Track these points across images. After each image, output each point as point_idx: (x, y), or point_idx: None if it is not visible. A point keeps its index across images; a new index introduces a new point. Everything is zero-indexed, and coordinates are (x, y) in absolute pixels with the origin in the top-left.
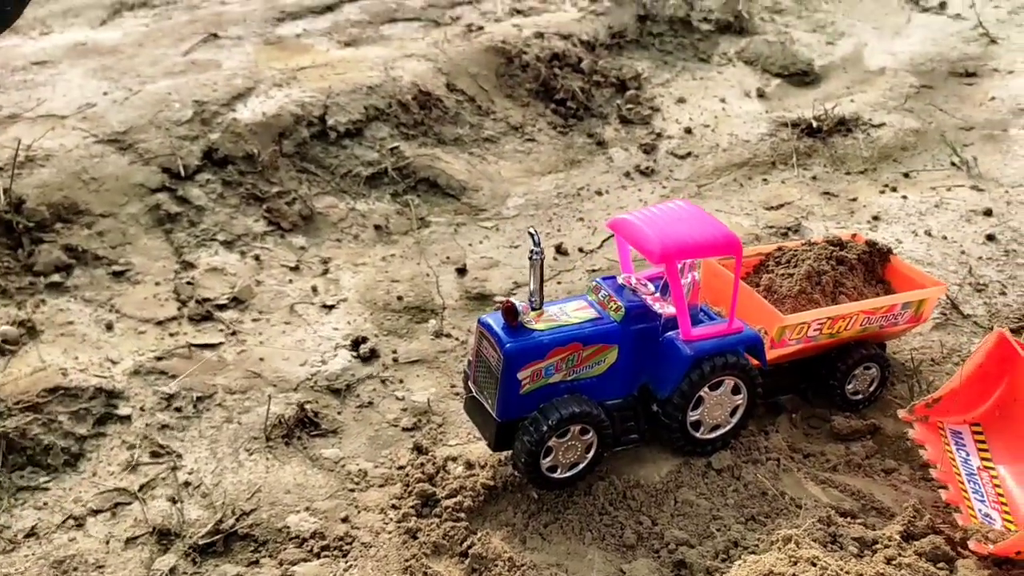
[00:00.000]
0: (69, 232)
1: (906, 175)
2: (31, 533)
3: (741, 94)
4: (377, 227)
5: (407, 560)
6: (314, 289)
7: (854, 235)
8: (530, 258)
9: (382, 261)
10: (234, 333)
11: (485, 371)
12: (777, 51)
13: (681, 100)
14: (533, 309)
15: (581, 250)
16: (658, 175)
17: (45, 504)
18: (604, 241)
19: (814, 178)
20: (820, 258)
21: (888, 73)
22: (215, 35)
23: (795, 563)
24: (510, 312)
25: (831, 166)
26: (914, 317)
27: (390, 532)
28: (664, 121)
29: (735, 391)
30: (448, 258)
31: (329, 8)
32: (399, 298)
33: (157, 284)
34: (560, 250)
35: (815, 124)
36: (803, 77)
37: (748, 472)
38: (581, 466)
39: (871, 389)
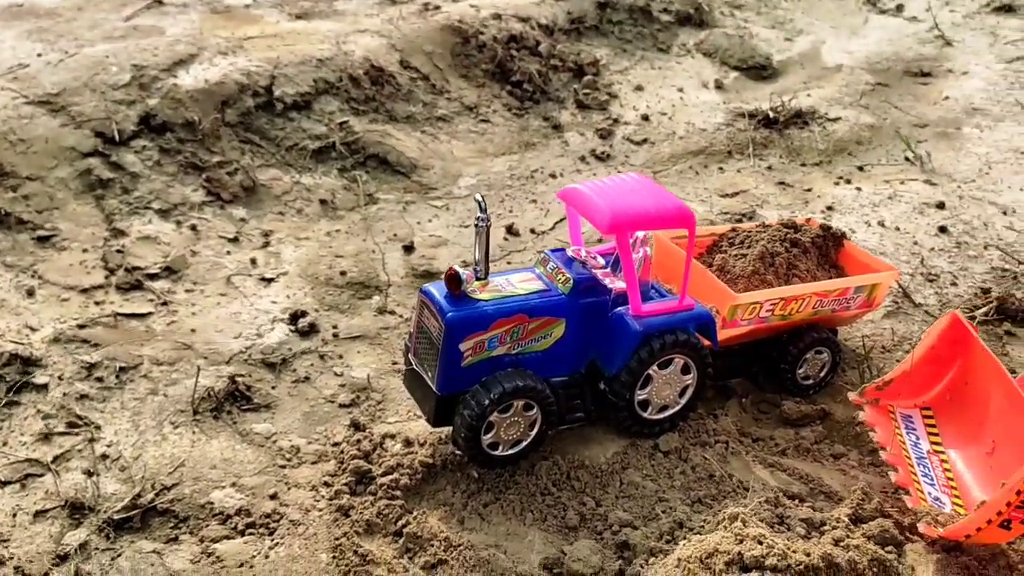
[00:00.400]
0: None
1: (860, 168)
2: None
3: (699, 85)
4: (323, 202)
5: (338, 539)
6: (253, 262)
7: (808, 219)
8: (476, 225)
9: (326, 236)
10: (165, 303)
11: (426, 342)
12: (736, 44)
13: (639, 88)
14: (478, 279)
15: (533, 231)
16: (614, 160)
17: None
18: (557, 223)
19: (769, 168)
20: (774, 240)
21: (845, 70)
22: (159, 2)
23: (741, 541)
24: (453, 280)
25: (787, 157)
26: (866, 302)
27: (321, 510)
28: (621, 107)
29: (685, 371)
30: (395, 235)
31: None
32: (342, 273)
33: (84, 251)
34: (511, 231)
35: (772, 115)
36: (761, 71)
37: (695, 454)
38: (524, 444)
39: (822, 374)
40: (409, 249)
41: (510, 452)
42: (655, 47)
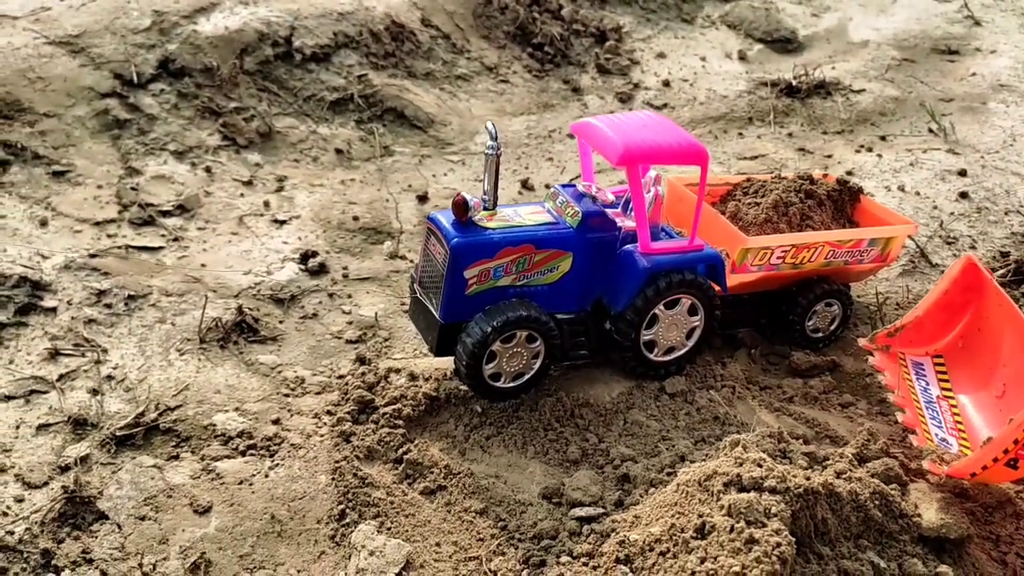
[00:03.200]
0: (9, 128)
1: (883, 138)
2: None
3: (722, 55)
4: (338, 151)
5: (338, 462)
6: (266, 204)
7: (825, 174)
8: (486, 154)
9: (340, 184)
10: (177, 239)
11: (431, 270)
12: (761, 17)
13: (661, 55)
14: (486, 208)
15: (547, 186)
16: None
17: None
18: (573, 179)
19: (790, 135)
20: (788, 190)
21: (871, 46)
22: None
23: (741, 464)
24: (460, 207)
25: (808, 125)
26: (880, 256)
27: (323, 435)
28: (643, 73)
29: (692, 312)
30: (410, 186)
31: None
32: (355, 218)
33: (99, 187)
34: (526, 185)
35: (795, 84)
36: (786, 44)
37: (701, 397)
38: (526, 377)
39: (832, 327)
40: (423, 199)
41: (512, 385)
42: (679, 17)
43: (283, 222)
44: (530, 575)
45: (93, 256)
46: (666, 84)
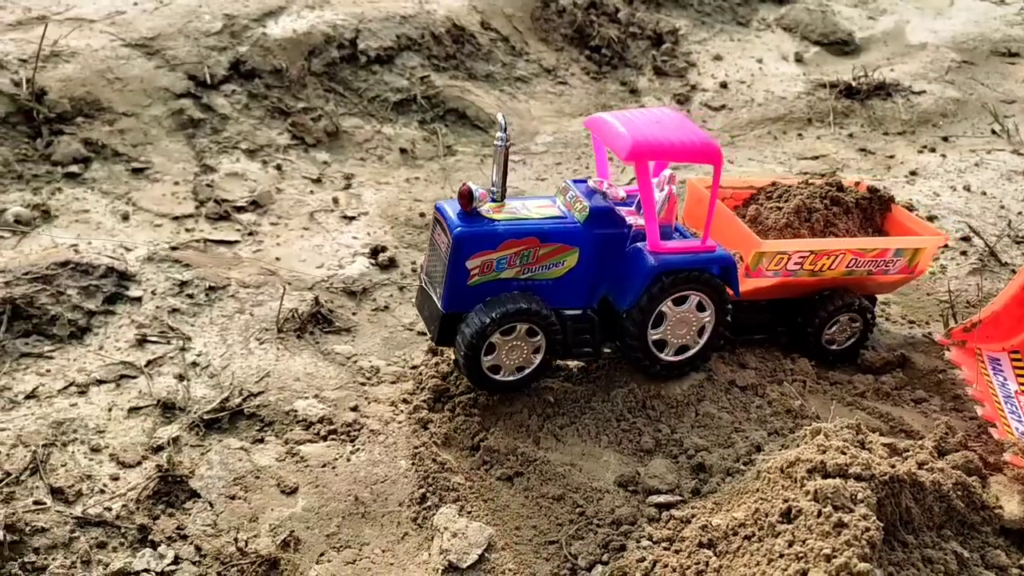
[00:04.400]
0: (90, 127)
1: (945, 139)
2: (31, 395)
3: (778, 57)
4: (403, 151)
5: (416, 447)
6: (335, 201)
7: (858, 183)
8: (495, 145)
9: (406, 182)
10: (251, 233)
11: (436, 259)
12: (817, 20)
13: (717, 58)
14: (494, 200)
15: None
16: None
17: (48, 371)
18: (631, 180)
19: (850, 136)
20: (814, 196)
21: (930, 48)
22: None
23: (824, 451)
24: (465, 196)
25: (868, 126)
26: (907, 268)
27: (400, 422)
28: (699, 75)
29: (700, 308)
30: None
31: None
32: (421, 215)
33: (176, 184)
34: None
35: (854, 86)
36: (843, 46)
37: (772, 390)
38: (528, 371)
39: (849, 342)
40: None
41: (512, 379)
42: (734, 20)
43: (352, 218)
44: (611, 559)
45: (174, 249)
46: (723, 86)
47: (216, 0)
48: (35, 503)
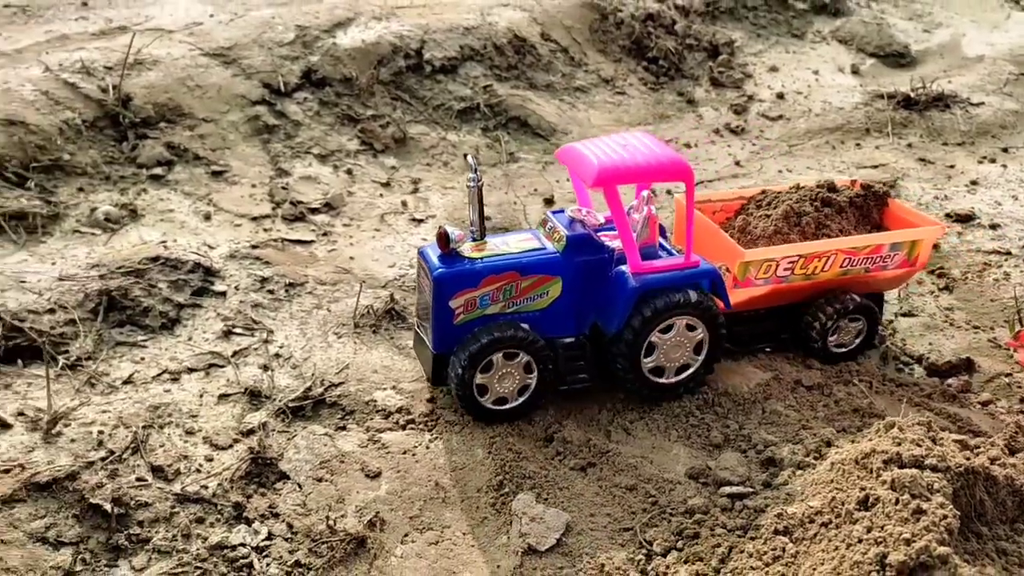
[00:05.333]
0: (172, 131)
1: (1005, 150)
2: (128, 381)
3: (834, 69)
4: (467, 156)
5: (492, 437)
6: (404, 204)
7: (854, 181)
8: (468, 186)
9: None
10: (325, 234)
11: (423, 302)
12: (873, 32)
13: (773, 69)
14: (474, 239)
15: (668, 192)
16: (748, 134)
17: (142, 359)
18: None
19: (909, 146)
20: (803, 199)
21: (987, 61)
22: None
23: (899, 444)
24: (442, 239)
25: (927, 137)
26: (907, 261)
27: None
28: (756, 86)
29: (691, 328)
30: (536, 190)
31: None
32: (487, 218)
33: (253, 186)
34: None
35: (912, 97)
36: (899, 59)
37: (839, 390)
38: (530, 389)
39: (857, 341)
40: (549, 202)
41: (518, 403)
42: (790, 33)
43: (420, 221)
44: (685, 545)
45: (254, 247)
46: (780, 96)
47: (288, 11)
48: (137, 479)
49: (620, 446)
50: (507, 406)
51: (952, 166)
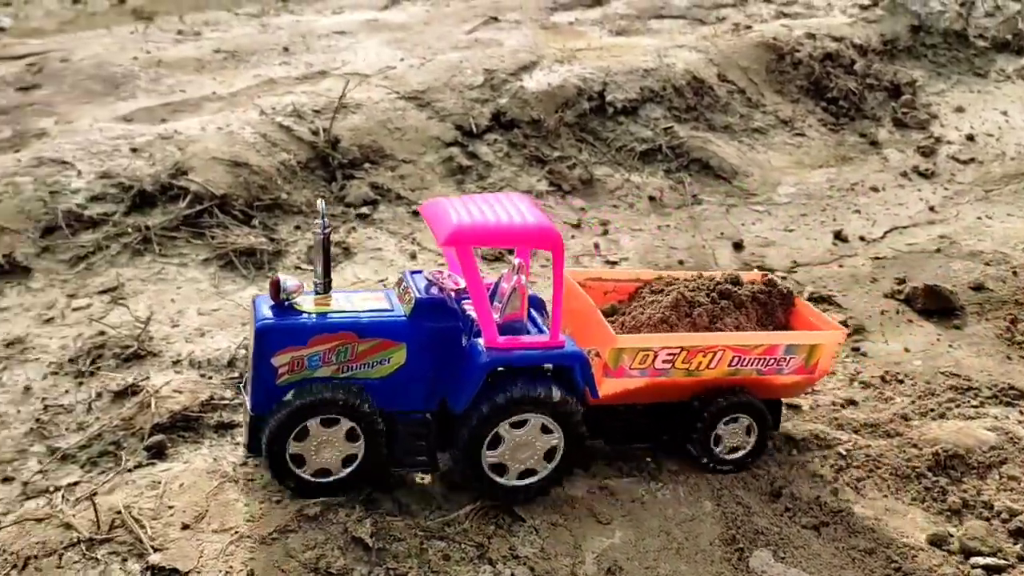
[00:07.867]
0: (376, 172)
1: None
2: None
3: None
4: (651, 199)
5: (718, 489)
6: (596, 246)
7: (764, 274)
8: (314, 234)
9: (657, 229)
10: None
11: (248, 356)
12: None
13: (959, 109)
14: (318, 293)
15: (862, 238)
16: (939, 177)
17: None
18: (886, 233)
19: None
20: (698, 289)
21: None
22: (495, 18)
23: None
24: (274, 287)
25: None
26: (804, 367)
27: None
28: (942, 127)
29: (546, 430)
30: (722, 234)
31: (598, 2)
32: (680, 262)
33: None
34: (839, 236)
35: None
36: None
37: None
38: (358, 459)
39: (751, 442)
40: (738, 247)
41: (343, 474)
42: (971, 71)
43: (615, 263)
44: None
45: None
46: (970, 138)
47: (474, 55)
48: (387, 514)
49: (851, 505)
50: (330, 478)
51: None
